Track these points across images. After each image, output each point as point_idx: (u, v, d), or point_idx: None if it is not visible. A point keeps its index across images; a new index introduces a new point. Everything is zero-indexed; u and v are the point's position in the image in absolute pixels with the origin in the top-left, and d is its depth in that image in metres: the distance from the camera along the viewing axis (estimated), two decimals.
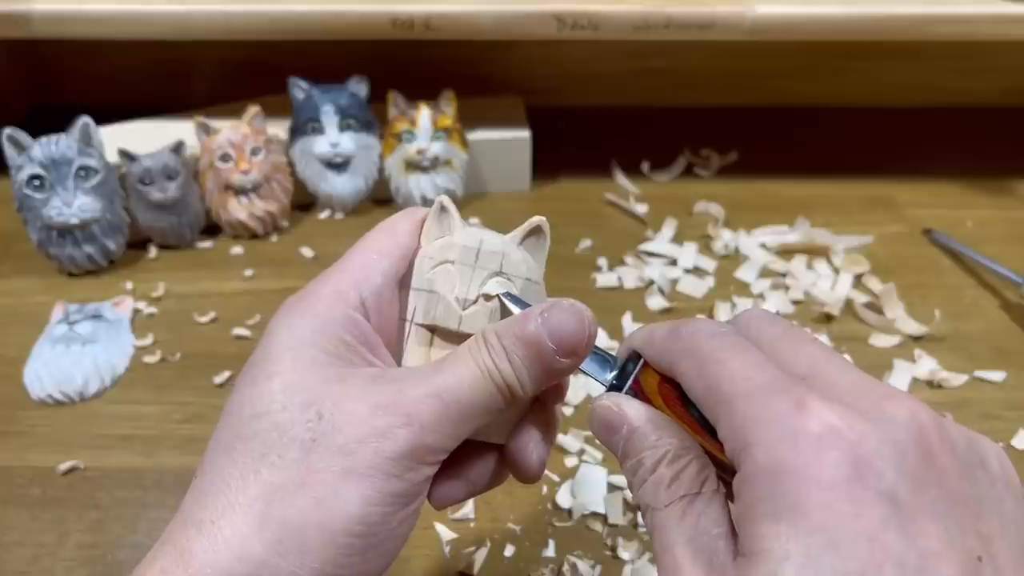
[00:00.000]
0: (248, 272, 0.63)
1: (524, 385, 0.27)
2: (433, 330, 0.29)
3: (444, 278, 0.29)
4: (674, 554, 0.23)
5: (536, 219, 0.30)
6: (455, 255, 0.29)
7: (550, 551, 0.44)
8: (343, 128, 0.67)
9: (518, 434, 0.30)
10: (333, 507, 0.24)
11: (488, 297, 0.29)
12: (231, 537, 0.24)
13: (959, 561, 0.20)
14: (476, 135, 0.70)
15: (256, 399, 0.26)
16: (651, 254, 0.65)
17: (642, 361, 0.28)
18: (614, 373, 0.29)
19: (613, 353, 0.30)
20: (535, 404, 0.30)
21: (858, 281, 0.62)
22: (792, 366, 0.24)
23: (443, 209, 0.30)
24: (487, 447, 0.30)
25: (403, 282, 0.30)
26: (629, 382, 0.28)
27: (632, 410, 0.27)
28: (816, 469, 0.21)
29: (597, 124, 0.82)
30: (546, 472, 0.48)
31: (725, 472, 0.25)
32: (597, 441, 0.49)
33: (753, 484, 0.22)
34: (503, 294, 0.29)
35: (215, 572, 0.23)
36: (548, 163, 0.73)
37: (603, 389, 0.29)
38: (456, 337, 0.29)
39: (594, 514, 0.45)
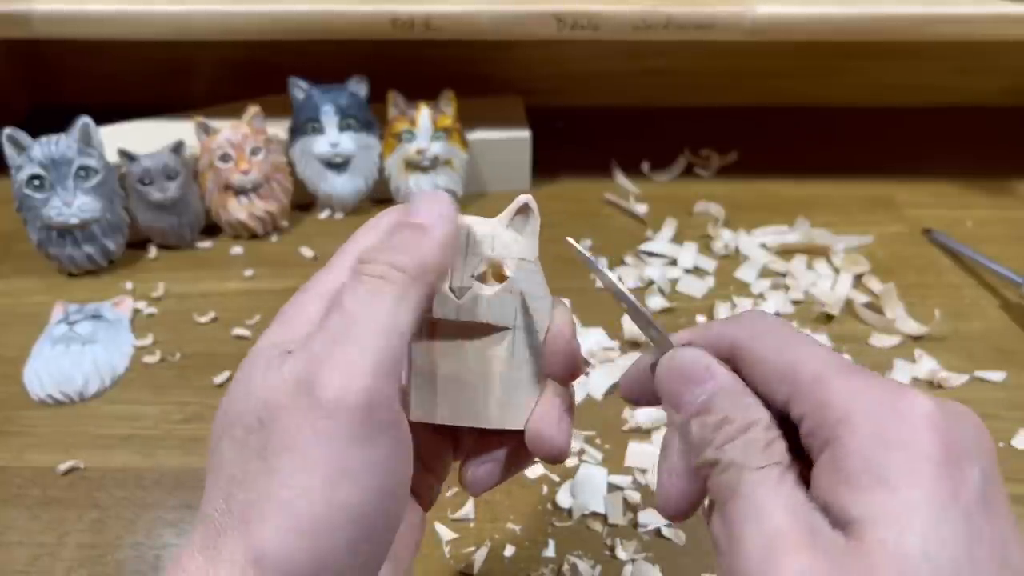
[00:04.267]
0: (248, 272, 0.63)
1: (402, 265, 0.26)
2: (434, 323, 0.29)
3: None
4: (773, 520, 0.22)
5: (523, 197, 0.30)
6: None
7: (550, 551, 0.44)
8: (343, 128, 0.67)
9: (536, 416, 0.30)
10: (302, 510, 0.23)
11: (489, 263, 0.29)
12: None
13: (1022, 548, 0.22)
14: (476, 135, 0.70)
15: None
16: (651, 254, 0.65)
17: None
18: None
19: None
20: (549, 383, 0.30)
21: (858, 281, 0.62)
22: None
23: None
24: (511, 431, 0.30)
25: None
26: None
27: (722, 369, 0.26)
28: (922, 446, 0.22)
29: (597, 124, 0.82)
30: (546, 472, 0.48)
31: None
32: (598, 440, 0.49)
33: (860, 452, 0.22)
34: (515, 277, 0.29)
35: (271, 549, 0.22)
36: (548, 163, 0.73)
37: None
38: (456, 327, 0.29)
39: (594, 514, 0.45)
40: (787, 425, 0.25)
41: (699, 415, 0.25)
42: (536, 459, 0.31)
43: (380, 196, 0.70)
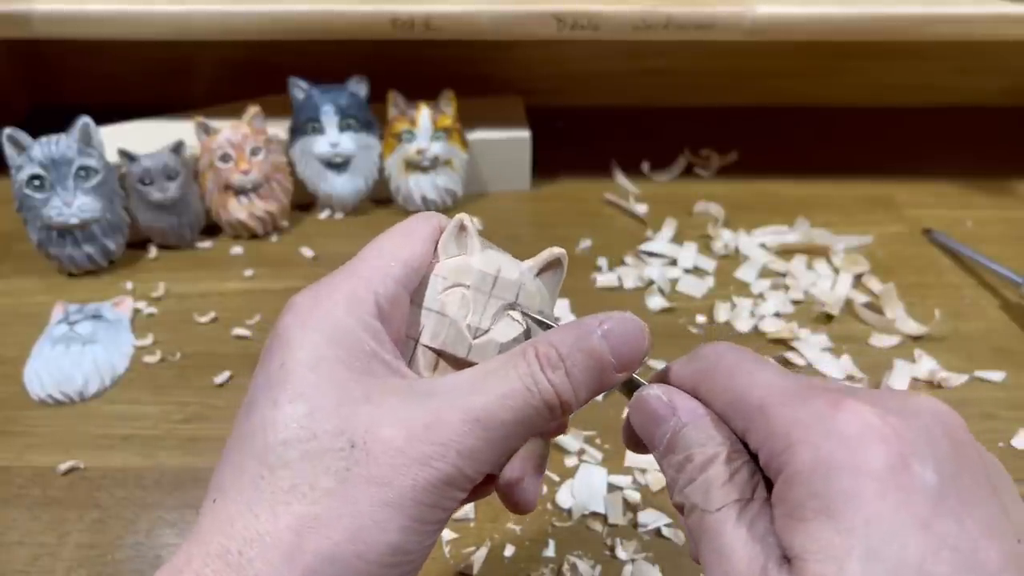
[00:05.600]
0: (248, 272, 0.63)
1: (580, 400, 0.26)
2: (439, 353, 0.29)
3: (457, 302, 0.29)
4: (730, 560, 0.23)
5: (556, 251, 0.29)
6: (471, 280, 0.29)
7: (550, 551, 0.44)
8: (343, 128, 0.67)
9: (512, 466, 0.29)
10: (371, 537, 0.23)
11: (510, 308, 0.29)
12: (262, 569, 0.23)
13: (1001, 543, 0.21)
14: (476, 135, 0.70)
15: (281, 425, 0.24)
16: (651, 254, 0.65)
17: None
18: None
19: None
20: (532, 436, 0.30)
21: (858, 281, 0.62)
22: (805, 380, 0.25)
23: (462, 228, 0.29)
24: None
25: (413, 296, 0.29)
26: None
27: (684, 403, 0.26)
28: (864, 462, 0.21)
29: (597, 124, 0.82)
30: (546, 472, 0.48)
31: None
32: (598, 440, 0.49)
33: (801, 482, 0.22)
34: (529, 315, 0.29)
35: None
36: (548, 163, 0.73)
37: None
38: (462, 364, 0.28)
39: (594, 514, 0.45)
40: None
41: (667, 455, 0.26)
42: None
43: (380, 196, 0.70)
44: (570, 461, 0.48)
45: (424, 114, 0.66)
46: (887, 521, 0.20)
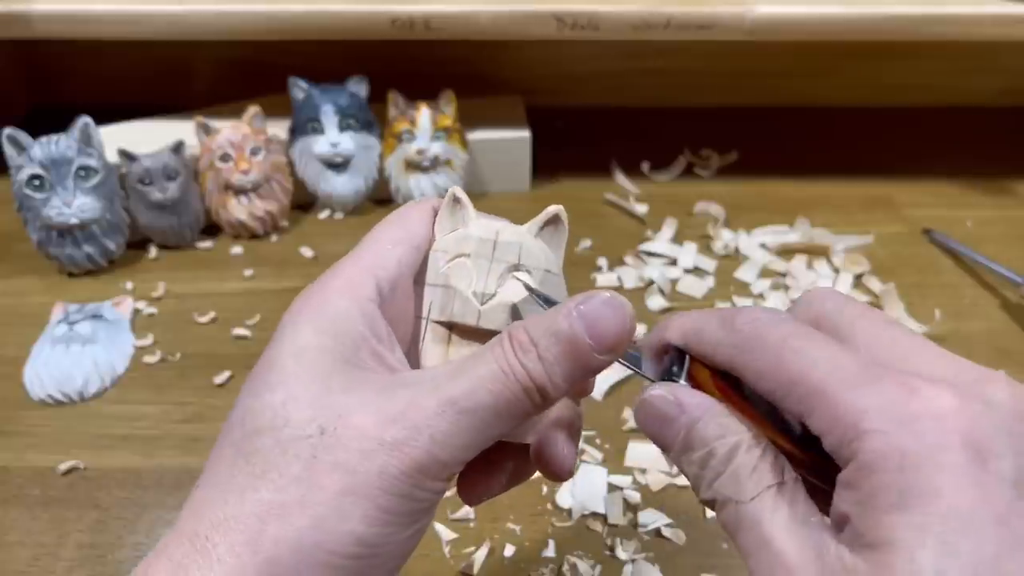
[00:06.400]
0: (248, 272, 0.63)
1: (556, 385, 0.25)
2: (451, 327, 0.28)
3: (460, 272, 0.28)
4: (776, 548, 0.22)
5: (553, 208, 0.29)
6: (471, 248, 0.28)
7: (550, 551, 0.44)
8: (343, 128, 0.67)
9: (545, 433, 0.29)
10: (332, 527, 0.23)
11: (514, 270, 0.28)
12: (224, 555, 0.23)
13: None
14: (476, 135, 0.70)
15: (258, 413, 0.24)
16: (651, 254, 0.65)
17: (688, 357, 0.27)
18: (667, 369, 0.27)
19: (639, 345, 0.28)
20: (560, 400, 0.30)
21: (858, 281, 0.62)
22: (877, 349, 0.23)
23: (456, 200, 0.29)
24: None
25: (418, 278, 0.29)
26: (683, 377, 0.26)
27: (691, 399, 0.25)
28: (940, 454, 0.20)
29: (597, 124, 0.82)
30: None
31: (793, 463, 0.24)
32: (598, 440, 0.49)
33: (874, 472, 0.21)
34: (527, 286, 0.28)
35: None
36: (548, 163, 0.73)
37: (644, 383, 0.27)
38: (475, 333, 0.28)
39: (594, 514, 0.45)
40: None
41: (684, 453, 0.25)
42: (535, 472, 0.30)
43: (380, 196, 0.70)
44: None
45: (424, 114, 0.66)
46: (964, 515, 0.20)
